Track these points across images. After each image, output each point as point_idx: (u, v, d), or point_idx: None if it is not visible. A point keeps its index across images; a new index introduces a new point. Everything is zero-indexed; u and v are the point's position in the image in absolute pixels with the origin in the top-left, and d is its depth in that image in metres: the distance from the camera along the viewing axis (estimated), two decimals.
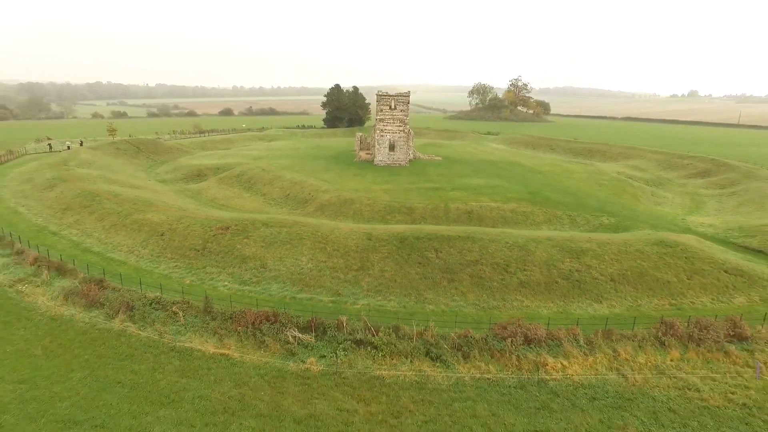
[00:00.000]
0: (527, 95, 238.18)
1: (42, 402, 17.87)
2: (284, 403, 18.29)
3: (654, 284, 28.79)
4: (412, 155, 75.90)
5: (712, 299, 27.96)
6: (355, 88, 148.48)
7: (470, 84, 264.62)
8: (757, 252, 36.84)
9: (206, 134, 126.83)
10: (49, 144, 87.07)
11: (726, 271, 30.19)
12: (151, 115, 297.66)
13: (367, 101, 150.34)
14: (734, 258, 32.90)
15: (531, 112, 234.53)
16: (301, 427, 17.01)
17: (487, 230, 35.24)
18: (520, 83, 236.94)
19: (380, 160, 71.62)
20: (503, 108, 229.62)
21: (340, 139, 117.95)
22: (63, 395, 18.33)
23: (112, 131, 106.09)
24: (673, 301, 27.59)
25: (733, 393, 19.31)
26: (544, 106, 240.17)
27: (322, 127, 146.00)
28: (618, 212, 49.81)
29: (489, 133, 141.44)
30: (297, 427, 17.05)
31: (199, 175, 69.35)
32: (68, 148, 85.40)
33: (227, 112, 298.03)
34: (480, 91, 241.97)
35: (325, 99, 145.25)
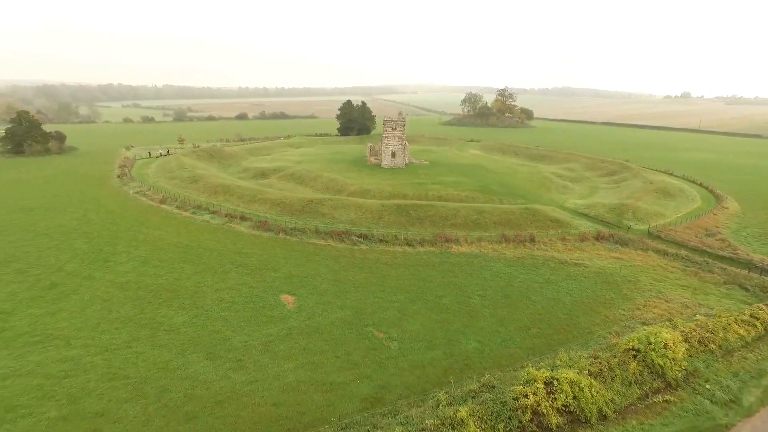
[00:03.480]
0: (513, 104, 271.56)
1: (272, 255, 51.61)
2: (355, 255, 51.98)
3: (513, 225, 62.46)
4: (407, 160, 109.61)
5: (538, 231, 61.48)
6: (363, 103, 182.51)
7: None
8: (582, 215, 70.72)
9: (248, 141, 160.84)
10: (149, 152, 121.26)
11: (551, 220, 63.94)
12: (176, 119, 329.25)
13: (372, 114, 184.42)
14: (563, 216, 66.57)
15: (516, 119, 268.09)
16: (364, 260, 50.67)
17: (439, 202, 68.99)
18: (506, 92, 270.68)
19: (385, 164, 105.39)
20: (491, 115, 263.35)
21: (353, 146, 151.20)
22: (278, 254, 52.03)
23: (181, 140, 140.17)
24: (519, 232, 61.09)
25: (518, 255, 52.86)
26: (527, 113, 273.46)
27: (336, 135, 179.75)
28: (530, 197, 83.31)
29: (472, 140, 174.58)
30: (362, 259, 50.71)
31: (263, 174, 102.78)
32: (160, 155, 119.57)
33: (243, 116, 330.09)
34: (471, 100, 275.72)
35: (339, 112, 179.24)
